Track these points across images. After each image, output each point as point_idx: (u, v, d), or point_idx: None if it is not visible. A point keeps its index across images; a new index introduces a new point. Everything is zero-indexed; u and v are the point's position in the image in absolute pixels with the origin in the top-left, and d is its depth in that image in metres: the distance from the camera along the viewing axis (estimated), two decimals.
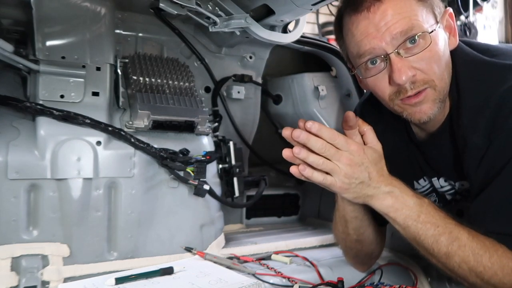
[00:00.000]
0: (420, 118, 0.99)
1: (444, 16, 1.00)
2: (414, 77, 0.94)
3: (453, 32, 1.02)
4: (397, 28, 0.92)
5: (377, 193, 0.92)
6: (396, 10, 0.93)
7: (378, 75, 0.98)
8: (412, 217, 0.91)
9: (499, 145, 0.91)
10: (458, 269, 0.89)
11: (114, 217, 1.16)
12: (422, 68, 0.94)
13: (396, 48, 0.93)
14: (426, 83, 0.95)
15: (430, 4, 0.97)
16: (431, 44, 0.94)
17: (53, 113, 1.08)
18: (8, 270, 1.04)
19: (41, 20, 1.10)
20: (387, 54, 0.94)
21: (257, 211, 1.79)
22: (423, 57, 0.94)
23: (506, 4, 4.70)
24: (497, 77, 0.94)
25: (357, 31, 0.97)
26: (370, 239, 1.15)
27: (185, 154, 1.23)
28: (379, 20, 0.93)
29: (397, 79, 0.93)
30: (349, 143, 0.89)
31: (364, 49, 0.96)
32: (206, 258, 1.21)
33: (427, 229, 0.90)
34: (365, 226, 1.11)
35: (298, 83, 1.73)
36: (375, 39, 0.94)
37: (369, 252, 1.21)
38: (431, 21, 0.96)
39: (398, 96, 0.97)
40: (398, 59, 0.93)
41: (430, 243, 0.90)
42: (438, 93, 0.97)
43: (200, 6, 1.17)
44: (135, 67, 1.29)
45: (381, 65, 0.97)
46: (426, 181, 1.19)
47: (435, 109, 0.98)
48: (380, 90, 1.00)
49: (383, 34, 0.93)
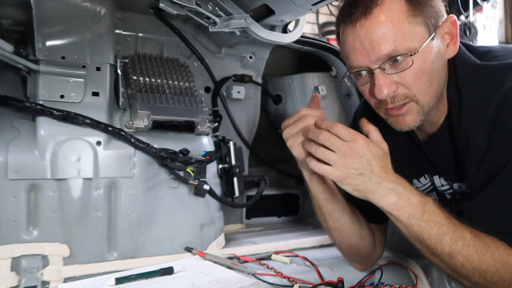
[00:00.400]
0: (402, 128, 1.02)
1: (445, 23, 0.98)
2: (395, 92, 0.96)
3: (454, 39, 1.00)
4: (382, 51, 0.93)
5: (379, 189, 0.91)
6: (382, 28, 0.92)
7: (365, 85, 1.01)
8: (416, 215, 0.90)
9: (500, 145, 0.91)
10: (461, 268, 0.89)
11: (114, 217, 1.16)
12: (404, 83, 0.96)
13: (379, 65, 0.95)
14: (407, 97, 0.97)
15: (422, 14, 0.94)
16: (415, 63, 0.93)
17: (53, 113, 1.08)
18: (8, 270, 1.04)
19: (41, 20, 1.10)
20: (372, 70, 0.96)
21: (257, 211, 1.79)
22: (406, 74, 0.95)
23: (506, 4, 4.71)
24: (498, 77, 0.94)
25: (347, 43, 0.99)
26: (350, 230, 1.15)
27: (185, 154, 1.23)
28: (364, 37, 0.94)
29: (377, 94, 0.96)
30: (353, 133, 0.91)
31: (352, 64, 0.99)
32: (206, 258, 1.21)
33: (431, 228, 0.89)
34: (340, 210, 1.13)
35: (298, 83, 1.73)
36: (360, 57, 0.96)
37: (367, 252, 1.21)
38: (421, 35, 0.94)
39: (381, 106, 1.01)
40: (381, 76, 0.95)
41: (434, 242, 0.90)
42: (421, 107, 0.98)
43: (200, 6, 1.17)
44: (135, 67, 1.29)
45: (367, 78, 0.99)
46: (427, 179, 1.19)
47: (418, 121, 1.00)
48: (367, 98, 1.04)
49: (368, 53, 0.94)
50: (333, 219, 1.13)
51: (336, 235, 1.19)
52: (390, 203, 0.91)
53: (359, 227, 1.17)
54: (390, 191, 0.91)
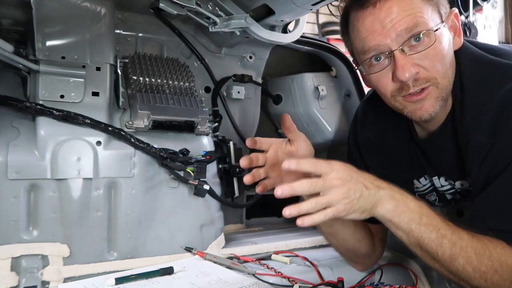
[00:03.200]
0: (421, 116, 0.99)
1: (449, 16, 1.01)
2: (417, 75, 0.94)
3: (458, 32, 1.02)
4: (402, 25, 0.93)
5: (379, 198, 0.89)
6: (402, 7, 0.94)
7: (382, 72, 0.99)
8: (415, 220, 0.89)
9: (503, 144, 0.91)
10: (462, 271, 0.88)
11: (114, 217, 1.16)
12: (425, 65, 0.95)
13: (400, 45, 0.94)
14: (429, 80, 0.96)
15: (436, 3, 0.97)
16: (436, 42, 0.94)
17: (53, 113, 1.08)
18: (8, 270, 1.04)
19: (41, 20, 1.10)
20: (392, 51, 0.95)
21: (257, 211, 1.79)
22: (427, 54, 0.94)
23: (506, 4, 4.71)
24: (501, 75, 0.94)
25: (363, 27, 0.97)
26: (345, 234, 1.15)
27: (185, 154, 1.23)
28: (385, 16, 0.94)
29: (400, 76, 0.94)
30: (330, 163, 0.86)
31: (369, 46, 0.97)
32: (206, 258, 1.21)
33: (430, 232, 0.89)
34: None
35: (298, 83, 1.73)
36: (380, 36, 0.95)
37: (366, 253, 1.21)
38: (437, 19, 0.97)
39: (400, 92, 0.98)
40: (402, 56, 0.94)
41: (434, 247, 0.89)
42: (440, 91, 0.97)
43: (200, 6, 1.18)
44: (135, 67, 1.29)
45: (385, 62, 0.97)
46: (427, 180, 1.19)
47: (437, 107, 0.98)
48: (382, 86, 1.00)
49: (388, 30, 0.94)
50: (326, 224, 1.12)
51: (331, 239, 1.19)
52: (390, 209, 0.89)
53: (355, 230, 1.15)
54: (388, 197, 0.90)
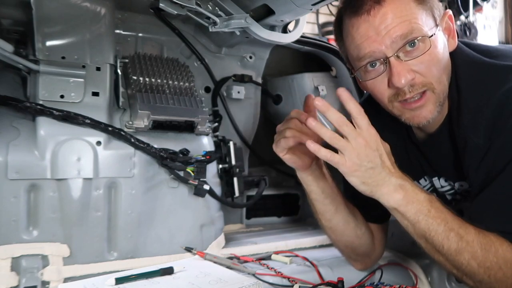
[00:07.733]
0: (419, 122, 0.99)
1: (443, 18, 1.01)
2: (413, 81, 0.95)
3: (452, 34, 1.02)
4: (397, 32, 0.93)
5: (387, 184, 0.89)
6: (396, 13, 0.93)
7: (378, 78, 0.98)
8: (423, 211, 0.89)
9: (500, 146, 0.91)
10: (466, 266, 0.89)
11: (114, 217, 1.16)
12: (421, 71, 0.95)
13: (395, 52, 0.94)
14: (425, 85, 0.96)
15: (429, 7, 0.97)
16: (431, 48, 0.94)
17: (53, 113, 1.08)
18: (8, 270, 1.04)
19: (41, 20, 1.10)
20: (387, 58, 0.95)
21: (257, 211, 1.79)
22: (422, 60, 0.94)
23: (506, 4, 4.70)
24: (497, 77, 0.94)
25: (357, 34, 0.97)
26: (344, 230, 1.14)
27: (185, 154, 1.23)
28: (379, 23, 0.94)
29: (396, 83, 0.94)
30: (370, 126, 0.87)
31: (364, 52, 0.97)
32: (206, 258, 1.21)
33: (438, 224, 0.89)
34: (331, 211, 1.10)
35: (298, 83, 1.73)
36: (375, 43, 0.95)
37: (365, 251, 1.21)
38: (431, 24, 0.97)
39: (396, 98, 0.98)
40: (398, 63, 0.94)
41: (441, 240, 0.89)
42: (437, 96, 0.97)
43: (200, 6, 1.17)
44: (135, 67, 1.29)
45: (381, 68, 0.97)
46: (427, 181, 1.19)
47: (435, 113, 0.98)
48: (379, 92, 1.00)
49: (383, 37, 0.94)
50: (325, 218, 1.13)
51: (330, 234, 1.19)
52: (398, 198, 0.89)
53: (355, 227, 1.15)
54: (398, 186, 0.90)
